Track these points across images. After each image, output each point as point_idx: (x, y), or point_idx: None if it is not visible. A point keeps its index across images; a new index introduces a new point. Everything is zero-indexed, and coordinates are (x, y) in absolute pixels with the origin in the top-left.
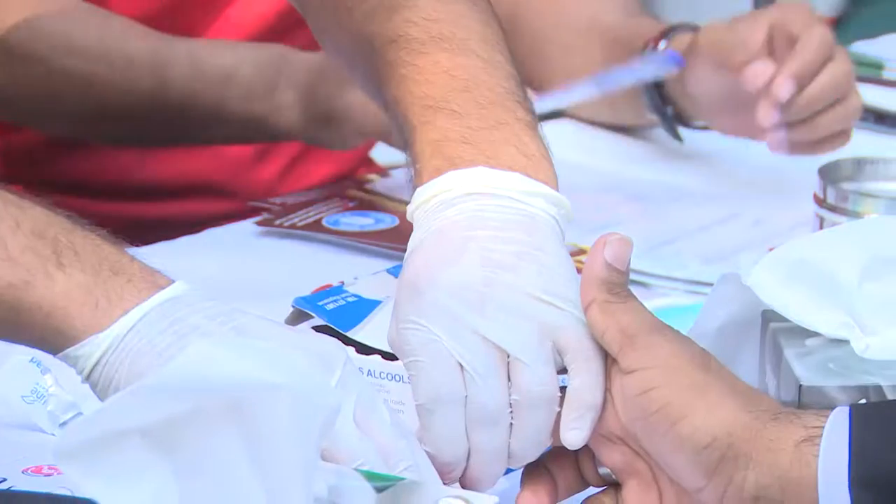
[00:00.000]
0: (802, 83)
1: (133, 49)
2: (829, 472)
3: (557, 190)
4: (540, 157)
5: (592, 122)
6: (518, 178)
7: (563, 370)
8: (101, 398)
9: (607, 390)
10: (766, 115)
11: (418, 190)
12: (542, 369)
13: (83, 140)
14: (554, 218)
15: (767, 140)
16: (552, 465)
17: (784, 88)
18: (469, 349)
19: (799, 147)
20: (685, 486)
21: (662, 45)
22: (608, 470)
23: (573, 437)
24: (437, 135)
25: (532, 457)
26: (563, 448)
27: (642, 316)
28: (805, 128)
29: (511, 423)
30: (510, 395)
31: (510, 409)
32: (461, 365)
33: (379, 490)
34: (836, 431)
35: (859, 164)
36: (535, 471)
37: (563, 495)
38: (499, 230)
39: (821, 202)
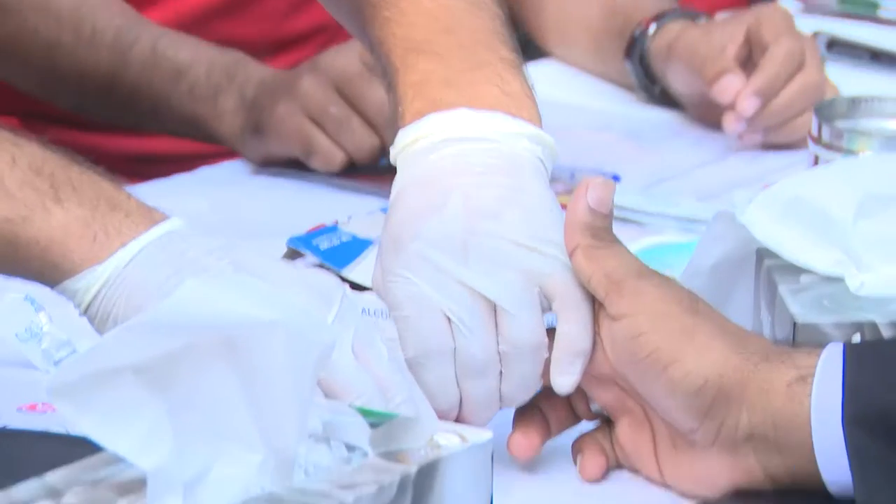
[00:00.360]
0: (768, 97)
1: (102, 24)
2: (821, 410)
3: (541, 128)
4: (523, 96)
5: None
6: (500, 118)
7: (549, 310)
8: (99, 331)
9: (596, 333)
10: (731, 125)
11: (400, 133)
12: (528, 318)
13: (44, 99)
14: (538, 158)
15: (740, 141)
16: (543, 403)
17: (748, 105)
18: (455, 301)
19: (778, 144)
20: (678, 428)
21: (652, 28)
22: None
23: (563, 382)
24: (418, 77)
25: (522, 401)
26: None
27: (627, 261)
28: (780, 132)
29: (500, 371)
30: (498, 344)
31: (499, 358)
32: (448, 317)
33: (374, 426)
34: (828, 370)
35: (854, 103)
36: (527, 411)
37: (555, 431)
38: (481, 175)
39: (816, 140)
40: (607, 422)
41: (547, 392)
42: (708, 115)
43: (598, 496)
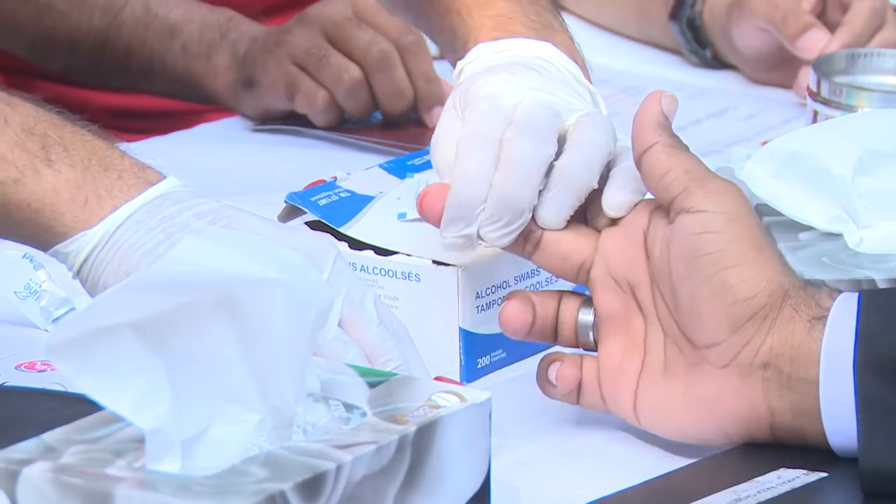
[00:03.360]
0: None
1: None
2: (831, 353)
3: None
4: (584, 65)
5: (619, 34)
6: (576, 67)
7: None
8: (91, 294)
9: (644, 233)
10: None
11: (475, 48)
12: (604, 120)
13: (36, 62)
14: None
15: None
16: (536, 299)
17: None
18: (524, 104)
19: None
20: (699, 340)
21: None
22: (588, 329)
23: (620, 196)
24: (497, 12)
25: (580, 184)
26: (550, 292)
27: (705, 166)
28: None
29: (552, 156)
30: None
31: (555, 150)
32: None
33: (372, 385)
34: (841, 314)
35: (853, 58)
36: (521, 293)
37: (537, 330)
38: (560, 81)
39: (814, 95)
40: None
41: (543, 293)
42: (771, 73)
43: (593, 454)
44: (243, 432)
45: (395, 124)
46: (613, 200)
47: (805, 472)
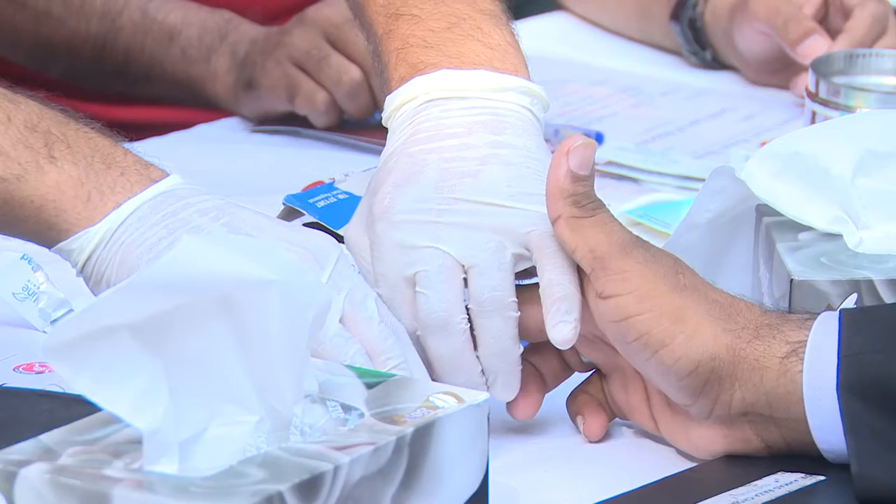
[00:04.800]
0: None
1: None
2: (814, 382)
3: (529, 78)
4: (506, 46)
5: (620, 34)
6: (483, 74)
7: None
8: (94, 292)
9: (584, 294)
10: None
11: (387, 98)
12: (495, 275)
13: (35, 69)
14: (526, 109)
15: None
16: (535, 359)
17: None
18: (421, 264)
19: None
20: (673, 401)
21: None
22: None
23: (560, 331)
24: (399, 43)
25: (504, 366)
26: (544, 342)
27: (611, 233)
28: None
29: (468, 330)
30: (469, 304)
31: (466, 317)
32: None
33: (370, 386)
34: (820, 340)
35: (851, 58)
36: (522, 369)
37: (551, 385)
38: (464, 136)
39: (812, 96)
40: (599, 372)
41: (537, 347)
42: (771, 76)
43: (592, 456)
44: (241, 433)
45: None
46: (558, 338)
47: (803, 475)
